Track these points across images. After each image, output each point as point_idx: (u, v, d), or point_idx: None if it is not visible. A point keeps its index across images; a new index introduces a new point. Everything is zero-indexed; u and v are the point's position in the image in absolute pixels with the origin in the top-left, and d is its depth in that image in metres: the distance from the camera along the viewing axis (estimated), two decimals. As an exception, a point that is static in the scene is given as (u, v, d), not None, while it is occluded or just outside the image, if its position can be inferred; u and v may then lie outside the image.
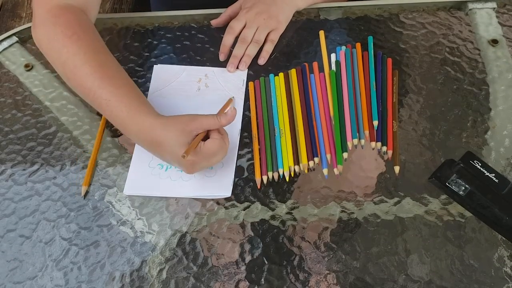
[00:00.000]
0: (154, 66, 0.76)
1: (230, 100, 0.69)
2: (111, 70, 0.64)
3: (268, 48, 0.74)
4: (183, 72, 0.75)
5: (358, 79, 0.71)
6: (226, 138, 0.61)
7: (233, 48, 0.75)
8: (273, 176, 0.64)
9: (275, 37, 0.75)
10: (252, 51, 0.74)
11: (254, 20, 0.73)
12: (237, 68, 0.74)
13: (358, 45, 0.75)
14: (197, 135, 0.59)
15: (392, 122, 0.67)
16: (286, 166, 0.65)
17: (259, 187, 0.64)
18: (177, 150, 0.57)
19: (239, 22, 0.74)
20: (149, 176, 0.65)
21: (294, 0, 0.76)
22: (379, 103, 0.69)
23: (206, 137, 0.61)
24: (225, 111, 0.63)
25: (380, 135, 0.66)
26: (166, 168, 0.66)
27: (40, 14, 0.66)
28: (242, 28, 0.74)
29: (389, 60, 0.73)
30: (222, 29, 0.80)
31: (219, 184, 0.64)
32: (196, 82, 0.74)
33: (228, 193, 0.64)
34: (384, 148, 0.65)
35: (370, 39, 0.76)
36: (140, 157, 0.67)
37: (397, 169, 0.64)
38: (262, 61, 0.74)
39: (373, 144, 0.66)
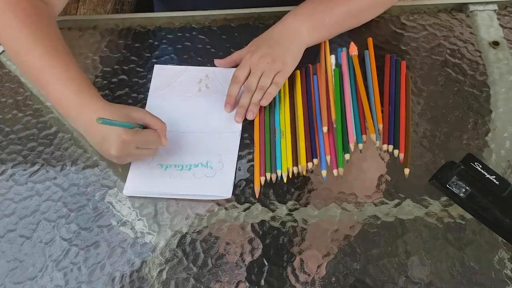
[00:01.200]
0: (155, 66, 0.76)
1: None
2: (63, 54, 0.64)
3: (272, 91, 0.69)
4: (183, 73, 0.75)
5: (361, 81, 0.71)
6: (164, 139, 0.63)
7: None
8: (271, 178, 0.64)
9: (280, 80, 0.69)
10: (258, 98, 0.69)
11: (258, 65, 0.69)
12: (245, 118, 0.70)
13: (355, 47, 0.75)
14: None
15: (405, 125, 0.67)
16: (285, 168, 0.65)
17: (257, 196, 0.63)
18: (113, 134, 0.59)
19: (243, 70, 0.70)
20: (148, 176, 0.65)
21: (301, 38, 0.71)
22: (392, 106, 0.69)
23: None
24: (165, 138, 0.64)
25: (392, 138, 0.66)
26: (165, 168, 0.66)
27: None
28: (247, 75, 0.70)
29: (403, 63, 0.73)
30: (223, 30, 0.80)
31: (219, 185, 0.64)
32: (196, 83, 0.74)
33: (228, 194, 0.64)
34: (396, 152, 0.65)
35: (370, 41, 0.76)
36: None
37: (407, 171, 0.64)
38: (264, 102, 0.69)
39: (384, 146, 0.66)
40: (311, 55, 0.75)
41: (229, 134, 0.69)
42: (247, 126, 0.69)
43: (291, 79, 0.73)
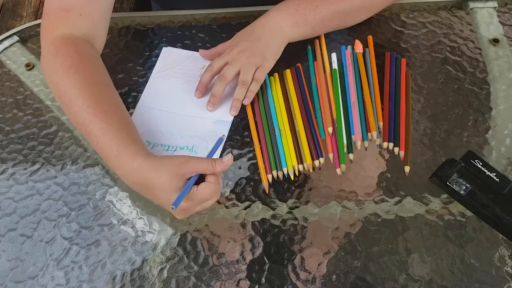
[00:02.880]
0: (163, 48, 0.78)
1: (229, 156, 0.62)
2: (106, 105, 0.62)
3: (254, 88, 0.69)
4: (189, 58, 0.76)
5: (366, 79, 0.71)
6: (220, 179, 0.59)
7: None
8: (277, 175, 0.64)
9: (261, 76, 0.69)
10: (240, 93, 0.69)
11: (237, 59, 0.68)
12: (222, 110, 0.70)
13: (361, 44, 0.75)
14: (189, 178, 0.57)
15: (405, 123, 0.67)
16: (290, 165, 0.65)
17: (267, 191, 0.64)
18: (169, 196, 0.55)
19: (220, 61, 0.70)
20: None
21: (282, 33, 0.70)
22: (392, 104, 0.69)
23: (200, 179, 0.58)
24: (223, 158, 0.58)
25: (393, 136, 0.66)
26: (152, 146, 0.67)
27: (44, 45, 0.66)
28: (222, 66, 0.69)
29: (403, 61, 0.73)
30: (223, 28, 0.80)
31: None
32: (199, 69, 0.75)
33: None
34: (396, 149, 0.65)
35: (370, 39, 0.76)
36: None
37: (407, 169, 0.64)
38: (246, 101, 0.69)
39: (385, 144, 0.66)
40: (307, 53, 0.75)
41: (220, 122, 0.69)
42: (247, 124, 0.69)
43: (282, 78, 0.73)
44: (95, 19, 0.67)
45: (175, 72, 0.75)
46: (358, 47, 0.75)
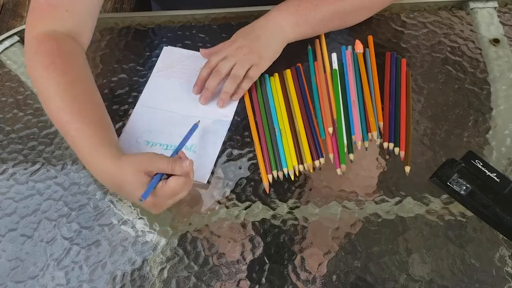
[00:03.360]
0: (164, 47, 0.78)
1: (182, 153, 0.63)
2: (83, 104, 0.62)
3: (245, 85, 0.69)
4: (189, 57, 0.77)
5: (366, 79, 0.71)
6: (191, 172, 0.59)
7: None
8: (278, 175, 0.64)
9: (254, 74, 0.69)
10: (229, 86, 0.69)
11: (234, 55, 0.69)
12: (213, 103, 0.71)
13: (360, 44, 0.75)
14: (155, 174, 0.57)
15: (406, 123, 0.67)
16: (290, 165, 0.65)
17: (268, 191, 0.64)
18: (137, 191, 0.56)
19: (218, 57, 0.70)
20: (134, 150, 0.67)
21: (283, 33, 0.70)
22: (392, 104, 0.69)
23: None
24: (184, 162, 0.58)
25: (393, 136, 0.66)
26: (151, 145, 0.67)
27: (26, 40, 0.66)
28: (220, 62, 0.70)
29: (404, 61, 0.73)
30: (224, 28, 0.80)
31: (198, 169, 0.64)
32: (199, 69, 0.74)
33: (204, 179, 0.64)
34: (397, 149, 0.65)
35: (370, 39, 0.76)
36: (130, 131, 0.69)
37: (407, 169, 0.64)
38: (235, 97, 0.70)
39: (385, 144, 0.66)
40: (302, 53, 0.75)
41: (218, 122, 0.69)
42: (247, 124, 0.69)
43: (282, 78, 0.73)
44: (82, 16, 0.67)
45: (175, 71, 0.75)
46: (359, 47, 0.75)
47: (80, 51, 0.68)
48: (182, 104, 0.71)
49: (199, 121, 0.67)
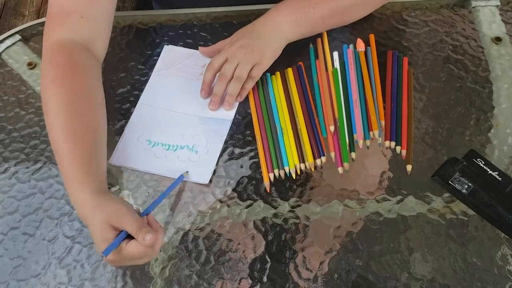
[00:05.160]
0: (164, 46, 0.78)
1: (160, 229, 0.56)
2: (80, 123, 0.60)
3: (248, 86, 0.70)
4: (190, 56, 0.77)
5: (367, 78, 0.71)
6: (158, 242, 0.53)
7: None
8: (279, 174, 0.64)
9: (256, 74, 0.69)
10: (234, 89, 0.69)
11: (235, 55, 0.68)
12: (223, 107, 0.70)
13: (362, 43, 0.75)
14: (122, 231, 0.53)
15: (407, 122, 0.67)
16: (292, 164, 0.65)
17: (268, 190, 0.64)
18: (99, 243, 0.53)
19: (220, 58, 0.69)
20: (136, 150, 0.67)
21: (283, 33, 0.70)
22: (394, 102, 0.68)
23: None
24: (146, 236, 0.51)
25: (395, 134, 0.66)
26: (153, 145, 0.68)
27: (43, 49, 0.65)
28: (222, 63, 0.69)
29: (405, 59, 0.73)
30: (225, 27, 0.80)
31: (199, 170, 0.65)
32: (200, 67, 0.75)
33: (206, 180, 0.65)
34: (398, 148, 0.65)
35: (372, 38, 0.75)
36: (132, 129, 0.69)
37: (409, 167, 0.64)
38: (239, 98, 0.70)
39: (387, 143, 0.66)
40: (308, 52, 0.75)
41: (220, 121, 0.69)
42: (249, 123, 0.69)
43: (284, 76, 0.73)
44: (97, 22, 0.67)
45: (176, 70, 0.75)
46: (360, 45, 0.75)
47: (94, 65, 0.66)
48: (183, 103, 0.71)
49: (187, 172, 0.65)
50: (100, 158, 0.60)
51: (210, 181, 0.65)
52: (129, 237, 0.53)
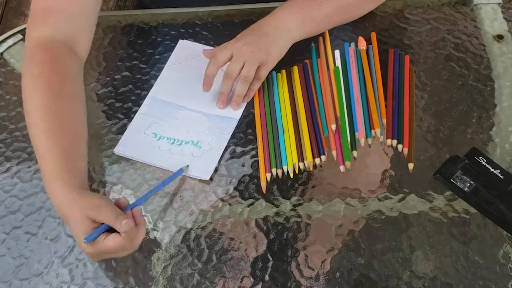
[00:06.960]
0: (180, 41, 0.78)
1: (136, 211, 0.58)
2: (60, 121, 0.60)
3: (254, 87, 0.69)
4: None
5: (369, 76, 0.71)
6: (138, 235, 0.54)
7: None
8: (277, 173, 0.64)
9: (263, 74, 0.68)
10: (241, 89, 0.68)
11: (241, 53, 0.67)
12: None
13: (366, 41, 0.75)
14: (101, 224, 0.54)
15: (409, 120, 0.67)
16: (290, 163, 0.65)
17: (264, 191, 0.64)
18: (78, 236, 0.53)
19: (225, 53, 0.68)
20: (141, 141, 0.68)
21: (289, 32, 0.69)
22: (395, 101, 0.68)
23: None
24: (122, 221, 0.52)
25: (396, 133, 0.66)
26: (159, 138, 0.68)
27: (25, 46, 0.65)
28: (227, 59, 0.68)
29: (407, 58, 0.73)
30: (226, 26, 0.80)
31: (202, 166, 0.65)
32: None
33: (207, 176, 0.65)
34: (400, 146, 0.65)
35: (373, 36, 0.75)
36: (139, 121, 0.70)
37: (411, 166, 0.64)
38: (246, 99, 0.70)
39: (388, 141, 0.66)
40: (311, 50, 0.75)
41: (227, 119, 0.69)
42: (251, 121, 0.69)
43: (289, 75, 0.73)
44: (79, 20, 0.66)
45: (188, 65, 0.75)
46: (362, 44, 0.75)
47: (75, 64, 0.66)
48: (192, 98, 0.72)
49: (187, 166, 0.65)
50: (79, 156, 0.61)
51: (211, 178, 0.65)
52: (111, 231, 0.53)
